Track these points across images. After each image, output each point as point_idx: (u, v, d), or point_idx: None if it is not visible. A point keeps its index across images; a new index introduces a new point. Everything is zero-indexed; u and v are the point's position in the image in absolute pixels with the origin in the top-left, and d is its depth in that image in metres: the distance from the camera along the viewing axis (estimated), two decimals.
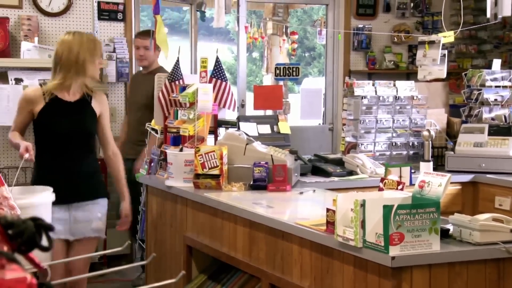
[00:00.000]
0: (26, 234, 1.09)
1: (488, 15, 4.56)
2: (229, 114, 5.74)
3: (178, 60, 4.56)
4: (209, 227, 3.53)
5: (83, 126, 3.63)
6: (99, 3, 5.57)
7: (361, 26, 6.62)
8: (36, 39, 5.29)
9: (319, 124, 6.71)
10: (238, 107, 6.18)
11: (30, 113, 3.58)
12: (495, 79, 4.74)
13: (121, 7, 5.63)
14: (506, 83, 4.75)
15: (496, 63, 4.86)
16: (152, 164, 4.20)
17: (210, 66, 4.37)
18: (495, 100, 4.71)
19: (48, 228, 1.13)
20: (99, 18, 5.57)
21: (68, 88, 3.58)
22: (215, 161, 3.67)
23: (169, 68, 4.48)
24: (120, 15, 5.62)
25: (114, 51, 5.54)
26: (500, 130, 4.54)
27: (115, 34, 5.65)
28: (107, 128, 3.74)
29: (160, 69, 5.03)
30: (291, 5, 9.15)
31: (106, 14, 5.59)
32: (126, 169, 4.05)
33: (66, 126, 3.57)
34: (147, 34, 4.96)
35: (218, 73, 4.92)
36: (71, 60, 3.52)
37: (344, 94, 4.82)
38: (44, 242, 1.14)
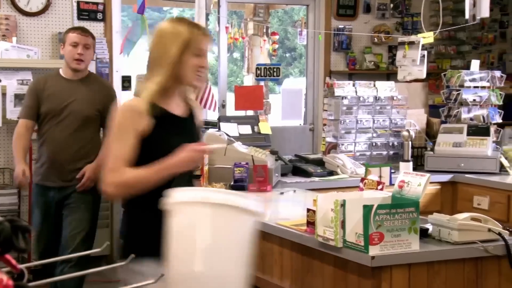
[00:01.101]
0: (2, 236, 1.08)
1: (467, 16, 4.59)
2: (210, 115, 5.73)
3: None
4: None
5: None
6: (78, 2, 5.53)
7: (342, 26, 6.64)
8: (14, 39, 5.24)
9: (300, 124, 6.72)
10: (218, 108, 6.18)
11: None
12: (473, 80, 4.78)
13: (101, 7, 5.59)
14: (484, 83, 4.79)
15: (475, 64, 4.90)
16: None
17: None
18: (474, 100, 4.75)
19: (25, 229, 1.12)
20: (79, 18, 5.53)
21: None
22: None
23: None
24: (100, 15, 5.59)
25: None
26: (478, 130, 4.58)
27: (95, 34, 5.60)
28: None
29: (97, 77, 4.28)
30: (272, 6, 9.15)
31: (85, 14, 5.56)
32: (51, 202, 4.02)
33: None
34: (87, 30, 4.11)
35: None
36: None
37: (325, 94, 4.84)
38: (21, 243, 1.13)
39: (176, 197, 1.97)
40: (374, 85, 4.77)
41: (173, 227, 1.93)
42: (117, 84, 5.83)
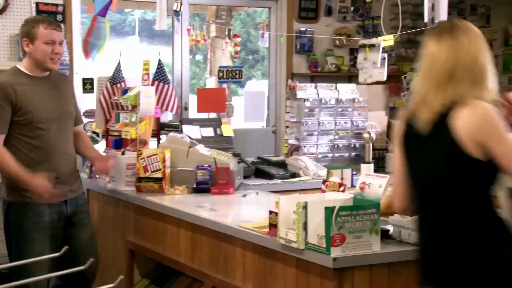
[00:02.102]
0: None
1: (426, 19, 4.66)
2: (171, 117, 5.68)
3: (119, 63, 4.52)
4: (152, 231, 3.49)
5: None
6: (37, 4, 5.44)
7: (303, 29, 6.67)
8: None
9: (263, 126, 6.73)
10: (181, 110, 6.15)
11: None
12: None
13: (60, 8, 5.51)
14: None
15: None
16: (93, 168, 4.13)
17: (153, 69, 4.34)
18: None
19: None
20: None
21: None
22: (158, 164, 3.64)
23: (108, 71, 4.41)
24: (59, 17, 5.51)
25: None
26: None
27: None
28: None
29: (60, 74, 3.74)
30: (234, 8, 9.15)
31: (45, 15, 5.47)
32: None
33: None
34: (59, 24, 3.59)
35: (160, 76, 4.88)
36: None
37: (287, 97, 4.86)
38: None
39: None
40: (336, 88, 4.81)
41: None
42: (77, 86, 5.75)
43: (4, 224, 3.45)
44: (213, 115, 5.80)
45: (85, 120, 5.42)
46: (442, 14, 4.51)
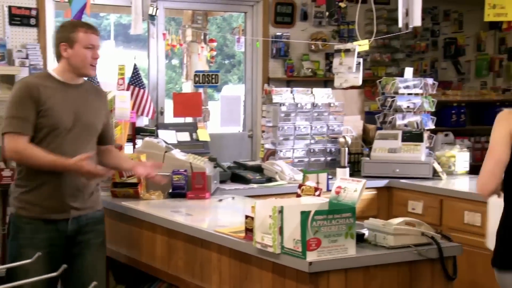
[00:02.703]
0: None
1: (400, 25, 4.71)
2: (147, 122, 5.66)
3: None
4: (127, 237, 3.47)
5: None
6: (10, 7, 5.39)
7: (279, 34, 6.70)
8: None
9: (239, 131, 6.73)
10: (156, 115, 6.13)
11: None
12: (407, 87, 4.89)
13: (34, 12, 5.47)
14: (418, 90, 4.91)
15: (408, 71, 5.02)
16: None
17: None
18: (408, 107, 4.86)
19: None
20: (10, 24, 5.39)
21: None
22: None
23: None
24: (33, 21, 5.46)
25: (27, 58, 5.37)
26: (412, 136, 4.69)
27: (27, 40, 5.48)
28: None
29: (90, 82, 3.57)
30: (210, 13, 9.15)
31: (18, 19, 5.42)
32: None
33: None
34: (97, 29, 3.36)
35: (136, 81, 4.87)
36: None
37: (263, 101, 4.86)
38: None
39: None
40: (312, 92, 4.83)
41: None
42: None
43: (6, 235, 3.30)
44: (189, 119, 5.80)
45: None
46: (416, 20, 4.56)
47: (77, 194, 3.16)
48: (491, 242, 3.03)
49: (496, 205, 3.02)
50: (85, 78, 3.34)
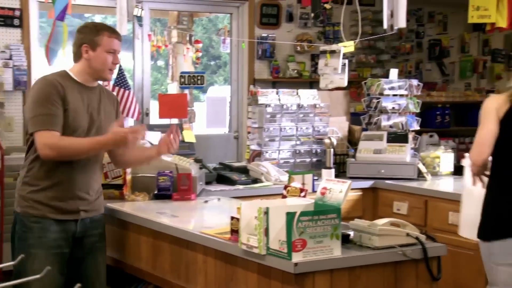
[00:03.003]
0: None
1: (385, 26, 4.73)
2: (132, 123, 5.64)
3: None
4: (113, 238, 3.46)
5: None
6: None
7: (265, 35, 6.70)
8: None
9: (225, 132, 6.73)
10: (142, 116, 6.11)
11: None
12: (392, 88, 4.92)
13: (17, 13, 5.43)
14: (403, 92, 4.94)
15: (393, 72, 5.05)
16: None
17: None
18: (393, 108, 4.89)
19: None
20: None
21: None
22: (118, 171, 3.61)
23: None
24: (16, 21, 5.43)
25: (10, 58, 5.34)
26: (397, 137, 4.71)
27: (11, 40, 5.45)
28: None
29: (102, 86, 3.41)
30: (196, 14, 9.13)
31: (1, 19, 5.39)
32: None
33: None
34: (120, 34, 3.38)
35: (121, 82, 4.85)
36: None
37: (249, 102, 4.87)
38: None
39: None
40: (297, 93, 4.84)
41: None
42: None
43: (11, 236, 3.19)
44: (175, 121, 5.77)
45: None
46: (401, 21, 4.58)
47: (86, 196, 3.14)
48: (463, 229, 3.19)
49: (470, 194, 3.08)
50: (100, 82, 3.32)
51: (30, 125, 3.05)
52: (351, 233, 2.62)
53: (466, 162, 3.22)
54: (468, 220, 3.10)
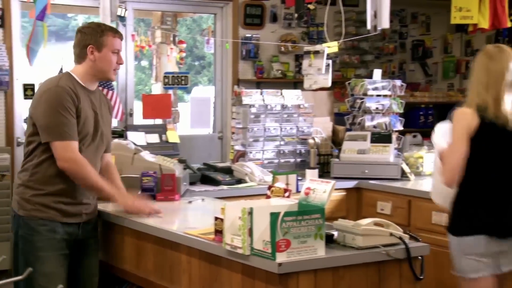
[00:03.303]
0: None
1: (369, 27, 4.75)
2: (116, 123, 5.62)
3: (62, 68, 4.45)
4: None
5: None
6: None
7: (249, 35, 6.71)
8: None
9: (209, 132, 6.72)
10: (125, 116, 6.09)
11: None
12: (376, 89, 4.93)
13: None
14: (386, 92, 4.95)
15: (377, 73, 5.06)
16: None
17: None
18: (377, 108, 4.90)
19: None
20: None
21: None
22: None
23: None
24: None
25: None
26: (381, 137, 4.73)
27: None
28: None
29: (103, 94, 3.45)
30: (180, 14, 9.12)
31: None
32: None
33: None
34: (121, 33, 3.35)
35: (104, 82, 4.83)
36: None
37: (233, 103, 4.86)
38: None
39: None
40: (281, 94, 4.84)
41: None
42: (18, 92, 5.63)
43: (14, 241, 3.13)
44: (158, 121, 5.77)
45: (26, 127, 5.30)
46: (384, 22, 4.60)
47: (88, 201, 3.19)
48: (436, 197, 3.38)
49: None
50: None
51: (46, 133, 3.03)
52: (335, 233, 2.62)
53: (437, 132, 3.27)
54: (440, 187, 3.21)
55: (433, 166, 3.63)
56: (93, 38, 3.15)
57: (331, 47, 4.87)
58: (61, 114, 3.01)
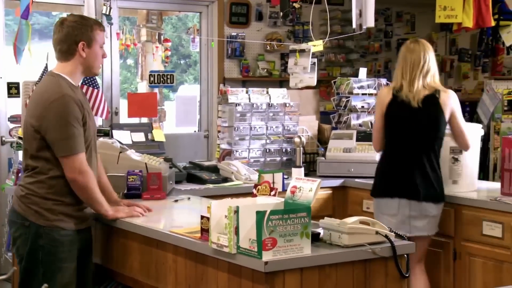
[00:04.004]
0: None
1: (354, 25, 4.76)
2: (101, 122, 5.60)
3: (46, 66, 4.42)
4: None
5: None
6: None
7: (235, 34, 6.70)
8: None
9: (195, 131, 6.71)
10: (111, 115, 6.06)
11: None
12: (361, 87, 4.95)
13: None
14: (372, 91, 4.97)
15: (362, 71, 5.08)
16: (19, 174, 4.01)
17: None
18: (362, 107, 4.92)
19: None
20: None
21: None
22: None
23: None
24: None
25: None
26: (367, 136, 4.74)
27: None
28: None
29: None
30: (165, 12, 9.09)
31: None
32: None
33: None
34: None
35: (89, 80, 4.80)
36: None
37: (219, 101, 4.85)
38: None
39: None
40: (267, 92, 4.84)
41: None
42: (2, 91, 5.59)
43: (29, 252, 3.00)
44: (144, 120, 5.76)
45: (10, 126, 5.28)
46: (369, 21, 4.62)
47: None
48: None
49: None
50: None
51: (58, 147, 2.96)
52: (321, 232, 2.63)
53: None
54: None
55: None
56: (84, 34, 3.02)
57: (317, 45, 4.88)
58: (72, 126, 2.94)
